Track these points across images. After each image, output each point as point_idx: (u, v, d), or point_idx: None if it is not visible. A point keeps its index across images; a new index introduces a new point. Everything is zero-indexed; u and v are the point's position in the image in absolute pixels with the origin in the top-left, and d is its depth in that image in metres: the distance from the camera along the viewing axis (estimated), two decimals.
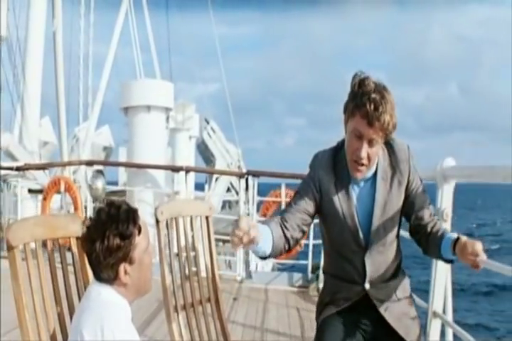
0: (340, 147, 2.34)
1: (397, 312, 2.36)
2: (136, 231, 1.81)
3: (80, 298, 2.03)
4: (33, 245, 1.87)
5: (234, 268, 7.71)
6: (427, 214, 2.32)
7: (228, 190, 15.59)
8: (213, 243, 2.78)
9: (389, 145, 2.32)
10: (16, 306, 1.77)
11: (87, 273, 2.07)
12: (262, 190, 7.51)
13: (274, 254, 2.21)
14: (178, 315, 2.51)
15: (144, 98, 8.53)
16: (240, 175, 7.57)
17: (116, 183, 15.93)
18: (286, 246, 2.24)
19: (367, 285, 2.34)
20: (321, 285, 6.65)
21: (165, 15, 15.77)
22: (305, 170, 2.39)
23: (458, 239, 2.08)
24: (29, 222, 1.89)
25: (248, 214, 7.29)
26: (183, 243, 2.61)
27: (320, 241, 6.73)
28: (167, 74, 15.33)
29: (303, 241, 7.11)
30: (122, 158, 17.67)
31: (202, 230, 2.73)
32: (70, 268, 2.03)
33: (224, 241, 8.46)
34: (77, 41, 12.04)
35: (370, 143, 2.15)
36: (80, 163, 8.70)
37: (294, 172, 7.09)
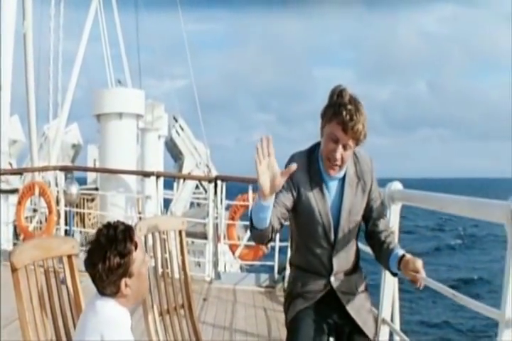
0: (313, 150, 2.61)
1: (356, 304, 2.64)
2: (133, 248, 1.97)
3: (71, 309, 2.31)
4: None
5: (203, 267, 7.94)
6: (382, 223, 2.63)
7: (197, 187, 15.78)
8: (186, 254, 3.05)
9: (355, 156, 2.61)
10: (20, 321, 2.03)
11: (78, 287, 2.35)
12: (230, 191, 7.79)
13: (265, 232, 2.36)
14: (154, 316, 2.76)
15: (115, 105, 8.71)
16: (209, 180, 7.80)
17: (85, 180, 16.06)
18: (270, 235, 2.43)
19: (332, 278, 2.61)
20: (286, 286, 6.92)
21: (134, 13, 15.78)
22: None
23: (403, 256, 2.37)
24: (28, 246, 2.16)
25: (217, 218, 7.55)
26: (159, 254, 2.88)
27: (286, 244, 7.01)
28: (136, 71, 15.40)
29: (269, 244, 7.41)
30: (91, 155, 17.77)
31: (176, 242, 3.00)
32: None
33: (192, 241, 8.68)
34: (46, 40, 11.99)
35: (344, 147, 2.44)
36: (55, 168, 8.83)
37: None
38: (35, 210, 9.95)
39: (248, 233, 7.54)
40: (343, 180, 2.59)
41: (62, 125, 11.20)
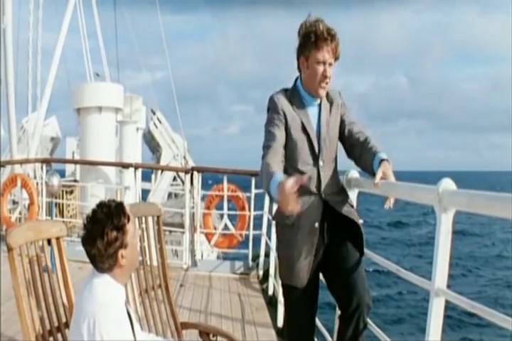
0: (287, 88, 2.98)
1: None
2: (126, 221, 2.15)
3: (59, 286, 2.57)
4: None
5: (180, 256, 8.19)
6: (356, 128, 2.96)
7: (174, 178, 15.98)
8: (163, 238, 3.29)
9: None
10: (15, 295, 2.28)
11: (65, 266, 2.61)
12: (206, 179, 8.06)
13: None
14: (134, 296, 2.96)
15: (95, 99, 8.92)
16: (186, 171, 8.06)
17: (63, 173, 16.19)
18: None
19: (323, 195, 2.86)
20: (260, 273, 7.21)
21: (112, 5, 15.84)
22: (251, 158, 2.88)
23: (383, 160, 2.70)
24: (23, 228, 2.42)
25: (193, 207, 7.81)
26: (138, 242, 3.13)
27: (259, 232, 7.26)
28: (114, 63, 15.49)
29: (244, 232, 7.69)
30: (69, 148, 17.89)
31: (154, 227, 3.25)
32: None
33: (170, 231, 8.92)
34: (25, 34, 12.01)
35: (330, 65, 2.84)
36: (37, 160, 9.02)
37: (235, 168, 7.72)
38: (14, 202, 10.13)
39: (223, 222, 7.83)
40: (319, 106, 2.96)
41: (41, 118, 11.33)
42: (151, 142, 17.58)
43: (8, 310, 4.67)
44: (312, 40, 2.80)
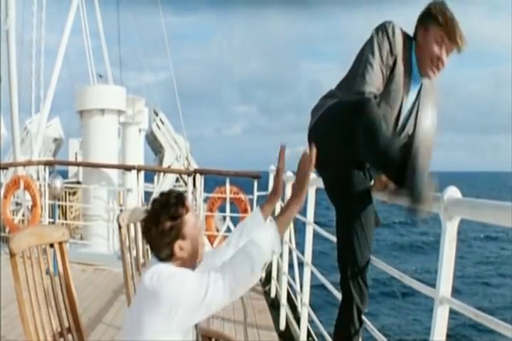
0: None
1: None
2: (185, 211, 2.07)
3: (62, 290, 2.57)
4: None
5: None
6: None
7: (177, 180, 15.99)
8: None
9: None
10: (17, 300, 2.28)
11: (68, 271, 2.61)
12: (209, 181, 8.05)
13: None
14: None
15: (98, 102, 8.92)
16: (188, 173, 8.07)
17: (66, 174, 16.20)
18: None
19: None
20: (263, 275, 7.17)
21: (115, 6, 15.85)
22: (253, 159, 2.84)
23: None
24: (25, 233, 2.41)
25: (196, 210, 7.80)
26: (141, 244, 3.12)
27: None
28: (117, 64, 15.49)
29: None
30: (72, 149, 17.90)
31: None
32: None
33: None
34: (28, 34, 12.03)
35: (447, 52, 2.51)
36: (39, 163, 9.03)
37: (237, 170, 7.74)
38: (17, 204, 10.14)
39: (226, 224, 7.82)
40: (418, 91, 2.65)
41: (44, 119, 11.31)
42: (153, 143, 17.57)
43: (10, 313, 4.66)
44: (442, 17, 2.48)
